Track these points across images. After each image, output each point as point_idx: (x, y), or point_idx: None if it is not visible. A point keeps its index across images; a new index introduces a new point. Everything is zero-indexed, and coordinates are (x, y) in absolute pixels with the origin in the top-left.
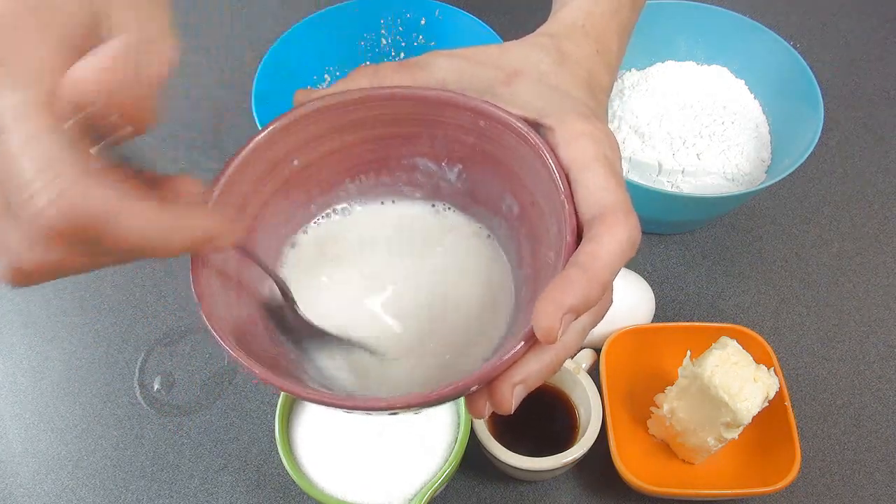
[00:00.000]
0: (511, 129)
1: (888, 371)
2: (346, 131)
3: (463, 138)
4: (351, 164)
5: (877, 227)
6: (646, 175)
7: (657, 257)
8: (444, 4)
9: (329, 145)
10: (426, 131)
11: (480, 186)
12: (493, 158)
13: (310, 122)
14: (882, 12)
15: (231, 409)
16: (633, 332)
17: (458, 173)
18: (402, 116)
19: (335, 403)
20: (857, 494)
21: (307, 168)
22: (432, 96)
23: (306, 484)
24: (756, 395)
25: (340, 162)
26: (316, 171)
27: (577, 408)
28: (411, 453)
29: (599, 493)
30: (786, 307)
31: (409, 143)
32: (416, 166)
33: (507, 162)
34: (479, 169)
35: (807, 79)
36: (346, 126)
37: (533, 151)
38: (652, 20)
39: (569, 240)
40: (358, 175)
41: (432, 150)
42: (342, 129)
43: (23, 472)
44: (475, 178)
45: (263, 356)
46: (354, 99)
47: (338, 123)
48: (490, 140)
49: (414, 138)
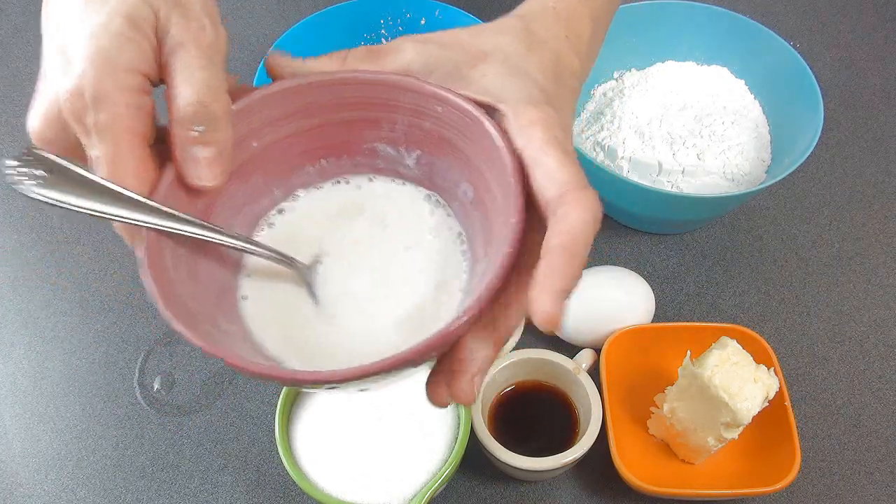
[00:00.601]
0: (466, 115)
1: (888, 371)
2: (305, 115)
3: (421, 123)
4: (310, 148)
5: (877, 227)
6: (646, 175)
7: (657, 257)
8: (444, 4)
9: (287, 129)
10: (385, 116)
11: (438, 172)
12: (450, 144)
13: (268, 105)
14: (882, 12)
15: (231, 409)
16: (633, 332)
17: (416, 159)
18: (360, 101)
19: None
20: (857, 494)
21: (266, 151)
22: (390, 81)
23: (306, 484)
24: (756, 395)
25: (300, 145)
26: (276, 154)
27: (577, 408)
28: (411, 453)
29: (599, 493)
30: (786, 307)
31: (368, 127)
32: (377, 151)
33: (462, 147)
34: (437, 155)
35: (807, 79)
36: (305, 110)
37: (486, 136)
38: (652, 20)
39: (513, 220)
40: (318, 159)
41: (391, 136)
42: (301, 112)
43: (23, 472)
44: (433, 163)
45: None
46: (313, 83)
47: (297, 107)
48: (447, 125)
49: (373, 123)
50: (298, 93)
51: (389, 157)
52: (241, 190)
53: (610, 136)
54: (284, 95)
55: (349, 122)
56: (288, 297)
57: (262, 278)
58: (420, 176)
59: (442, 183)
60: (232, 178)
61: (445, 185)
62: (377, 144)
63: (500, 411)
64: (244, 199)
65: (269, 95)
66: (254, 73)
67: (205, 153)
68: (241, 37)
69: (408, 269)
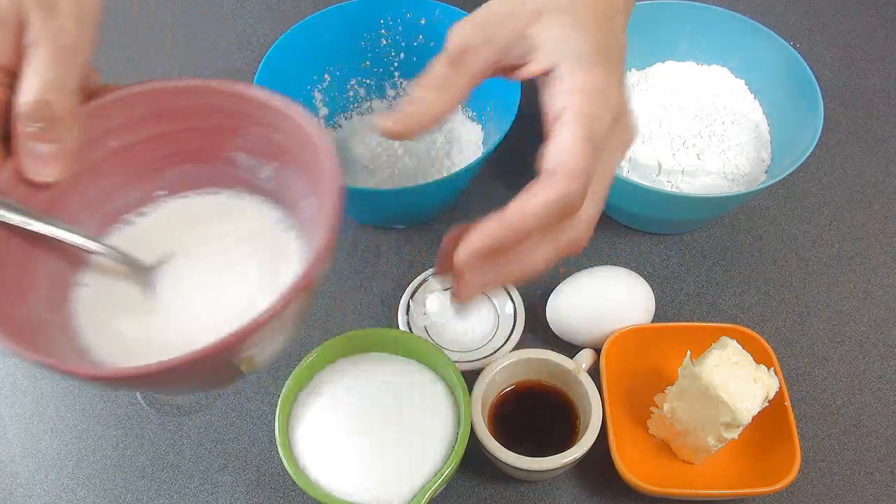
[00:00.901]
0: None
1: (888, 371)
2: (163, 119)
3: (271, 137)
4: (171, 152)
5: (877, 227)
6: (646, 175)
7: (657, 257)
8: (444, 4)
9: (148, 131)
10: (241, 126)
11: (288, 186)
12: (298, 160)
13: (126, 106)
14: (882, 12)
15: (231, 409)
16: (633, 332)
17: (270, 171)
18: (215, 109)
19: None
20: (857, 494)
21: (126, 151)
22: (239, 91)
23: (306, 484)
24: (756, 395)
25: (161, 148)
26: (136, 154)
27: (577, 408)
28: (411, 453)
29: (599, 493)
30: (786, 307)
31: (226, 136)
32: (234, 161)
33: (308, 164)
34: (288, 169)
35: (807, 79)
36: (162, 114)
37: (324, 156)
38: (652, 20)
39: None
40: (180, 164)
41: (248, 146)
42: (158, 116)
43: (23, 472)
44: (285, 176)
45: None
46: (167, 88)
47: (154, 110)
48: (294, 141)
49: (231, 132)
50: (153, 96)
51: (245, 167)
52: (95, 186)
53: None
54: (139, 98)
55: (206, 129)
56: (125, 294)
57: (103, 274)
58: (273, 188)
59: (290, 198)
60: (85, 175)
61: (293, 200)
62: (233, 154)
63: (500, 411)
64: (100, 195)
65: (126, 97)
66: (254, 73)
67: (43, 149)
68: (241, 37)
69: (245, 277)
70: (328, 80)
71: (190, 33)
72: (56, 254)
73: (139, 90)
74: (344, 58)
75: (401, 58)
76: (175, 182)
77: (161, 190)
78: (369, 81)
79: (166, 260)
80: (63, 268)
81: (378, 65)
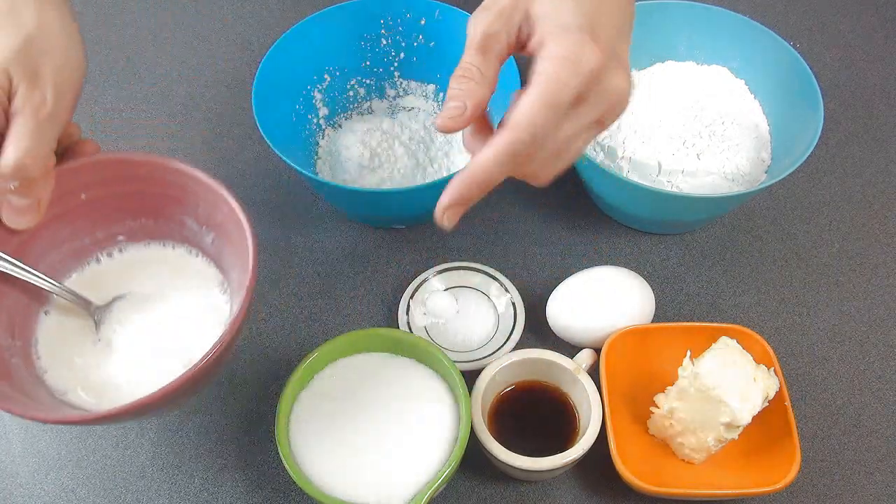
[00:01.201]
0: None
1: (888, 371)
2: (128, 181)
3: (214, 213)
4: (132, 207)
5: (877, 227)
6: (646, 175)
7: (657, 257)
8: (444, 4)
9: (113, 189)
10: (192, 200)
11: (223, 256)
12: (231, 238)
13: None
14: (882, 12)
15: (231, 409)
16: (633, 332)
17: (212, 239)
18: (169, 182)
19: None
20: (857, 494)
21: (93, 202)
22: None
23: (306, 484)
24: (756, 395)
25: (124, 204)
26: (101, 206)
27: (577, 408)
28: (411, 453)
29: (599, 493)
30: (786, 307)
31: (178, 203)
32: (185, 223)
33: (237, 245)
34: (224, 241)
35: (807, 79)
36: (127, 178)
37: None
38: (652, 20)
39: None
40: (139, 218)
41: (195, 214)
42: (124, 179)
43: (23, 472)
44: (222, 247)
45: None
46: (133, 160)
47: (121, 174)
48: (230, 222)
49: (180, 201)
50: (121, 164)
51: (193, 231)
52: (65, 230)
53: (610, 136)
54: (110, 163)
55: (163, 196)
56: (80, 326)
57: (64, 307)
58: (213, 253)
59: (226, 266)
60: (56, 220)
61: (228, 270)
62: (185, 218)
63: (500, 411)
64: (68, 237)
65: (99, 161)
66: (254, 73)
67: (19, 203)
68: (241, 37)
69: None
70: (328, 80)
71: (191, 33)
72: (21, 288)
73: (111, 157)
74: (344, 58)
75: (401, 58)
76: (134, 231)
77: (121, 235)
78: (369, 81)
79: (117, 300)
80: (28, 300)
81: (378, 65)
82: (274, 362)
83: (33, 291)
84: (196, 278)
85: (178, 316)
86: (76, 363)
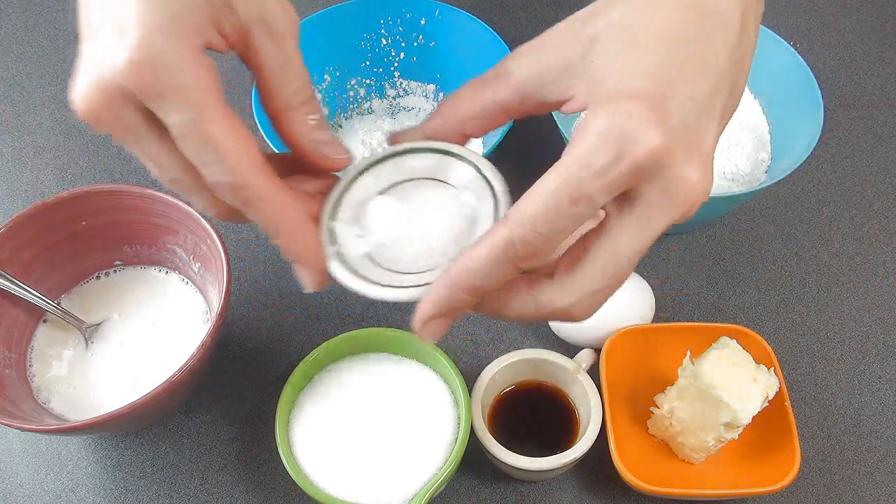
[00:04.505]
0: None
1: (888, 371)
2: (124, 211)
3: (200, 245)
4: (128, 234)
5: (877, 227)
6: None
7: (657, 257)
8: (444, 4)
9: (112, 217)
10: (181, 231)
11: (207, 286)
12: (213, 270)
13: (94, 200)
14: (882, 12)
15: (231, 409)
16: (633, 332)
17: (198, 269)
18: (160, 212)
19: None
20: (857, 494)
21: (93, 229)
22: (187, 210)
23: (306, 484)
24: (756, 395)
25: (122, 231)
26: (101, 232)
27: (577, 408)
28: (411, 453)
29: (599, 493)
30: (786, 307)
31: (168, 233)
32: (175, 252)
33: (217, 278)
34: (208, 272)
35: (807, 79)
36: (123, 208)
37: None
38: None
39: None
40: (134, 244)
41: (184, 244)
42: (120, 209)
43: (23, 472)
44: (206, 277)
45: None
46: (128, 192)
47: (117, 204)
48: (214, 256)
49: (172, 231)
50: (119, 195)
51: (182, 259)
52: (67, 252)
53: None
54: (110, 194)
55: (155, 225)
56: (72, 341)
57: (58, 326)
58: (200, 281)
59: (209, 295)
60: (59, 243)
61: (210, 298)
62: (175, 247)
63: (500, 411)
64: (70, 258)
65: (91, 192)
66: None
67: (323, 136)
68: None
69: (161, 352)
70: (328, 80)
71: None
72: (22, 305)
73: (104, 189)
74: (344, 58)
75: (401, 58)
76: (130, 255)
77: (118, 259)
78: (369, 81)
79: (106, 320)
80: (28, 314)
81: (378, 65)
82: (274, 362)
83: (33, 307)
84: (182, 304)
85: (160, 339)
86: (63, 375)
